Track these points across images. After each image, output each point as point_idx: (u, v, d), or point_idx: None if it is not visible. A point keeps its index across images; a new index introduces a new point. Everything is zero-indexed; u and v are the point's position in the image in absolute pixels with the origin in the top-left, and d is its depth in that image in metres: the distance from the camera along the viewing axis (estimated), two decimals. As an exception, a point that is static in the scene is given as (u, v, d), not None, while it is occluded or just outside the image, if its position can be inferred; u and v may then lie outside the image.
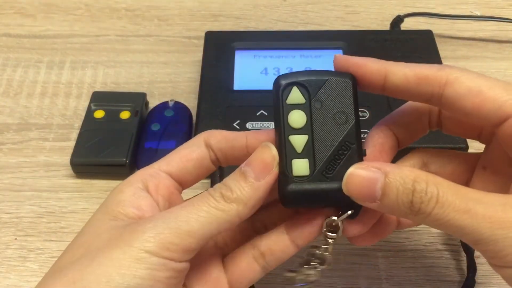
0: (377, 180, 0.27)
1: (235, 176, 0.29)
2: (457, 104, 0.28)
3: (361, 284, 0.38)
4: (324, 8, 0.61)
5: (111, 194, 0.31)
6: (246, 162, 0.29)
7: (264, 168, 0.29)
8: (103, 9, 0.61)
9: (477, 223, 0.25)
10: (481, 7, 0.60)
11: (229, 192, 0.28)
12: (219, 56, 0.50)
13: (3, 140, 0.48)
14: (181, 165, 0.32)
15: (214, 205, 0.28)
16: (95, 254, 0.27)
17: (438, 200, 0.26)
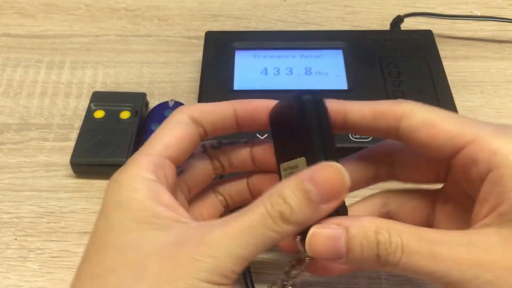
0: (339, 237, 0.26)
1: (296, 192, 0.26)
2: (412, 136, 0.29)
3: (361, 284, 0.38)
4: (324, 8, 0.61)
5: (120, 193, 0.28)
6: (309, 176, 0.26)
7: (333, 194, 0.26)
8: (103, 9, 0.61)
9: (446, 267, 0.25)
10: (481, 7, 0.60)
11: (289, 211, 0.26)
12: (219, 56, 0.50)
13: (3, 140, 0.48)
14: (178, 147, 0.30)
15: (272, 228, 0.26)
16: (157, 284, 0.25)
17: (404, 249, 0.26)
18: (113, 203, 0.28)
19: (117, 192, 0.28)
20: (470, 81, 0.53)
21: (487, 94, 0.51)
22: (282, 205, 0.26)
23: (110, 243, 0.27)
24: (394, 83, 0.47)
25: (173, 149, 0.30)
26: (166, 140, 0.30)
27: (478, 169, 0.27)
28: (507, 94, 0.51)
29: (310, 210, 0.26)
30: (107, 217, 0.28)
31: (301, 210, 0.26)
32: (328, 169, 0.26)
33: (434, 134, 0.28)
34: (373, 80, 0.48)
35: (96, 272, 0.26)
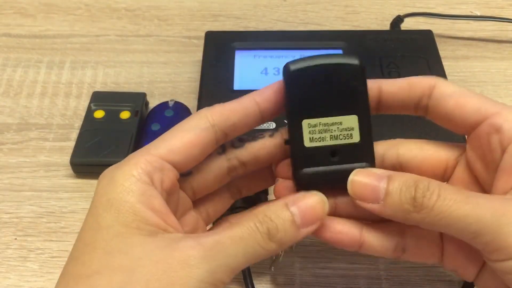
0: (381, 182, 0.28)
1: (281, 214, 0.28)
2: (442, 103, 0.30)
3: (361, 284, 0.38)
4: (324, 8, 0.61)
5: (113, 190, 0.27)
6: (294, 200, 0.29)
7: (312, 218, 0.29)
8: (103, 9, 0.61)
9: (480, 210, 0.26)
10: (481, 7, 0.60)
11: (275, 230, 0.27)
12: (219, 56, 0.50)
13: (3, 140, 0.48)
14: (186, 152, 0.29)
15: (260, 244, 0.27)
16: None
17: (440, 194, 0.27)
18: (105, 201, 0.27)
19: (109, 189, 0.27)
20: (470, 81, 0.53)
21: (487, 94, 0.51)
22: (269, 223, 0.27)
23: (98, 245, 0.26)
24: (394, 83, 0.47)
25: (178, 154, 0.29)
26: (173, 143, 0.29)
27: (500, 138, 0.29)
28: (507, 94, 0.51)
29: (293, 232, 0.28)
30: (97, 216, 0.27)
31: (285, 230, 0.28)
32: (312, 198, 0.29)
33: (463, 103, 0.30)
34: (373, 80, 0.48)
35: (82, 272, 0.26)
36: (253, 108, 0.30)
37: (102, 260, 0.26)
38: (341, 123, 0.30)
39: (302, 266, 0.39)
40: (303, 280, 0.39)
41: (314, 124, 0.30)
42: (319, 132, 0.30)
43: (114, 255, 0.26)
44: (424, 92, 0.31)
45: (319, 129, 0.30)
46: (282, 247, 0.28)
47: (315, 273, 0.39)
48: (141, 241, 0.26)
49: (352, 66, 0.30)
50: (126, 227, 0.26)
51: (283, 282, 0.38)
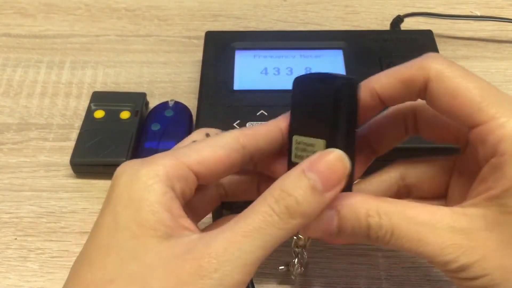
0: (332, 219, 0.28)
1: (299, 183, 0.26)
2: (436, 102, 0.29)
3: (361, 284, 0.38)
4: (324, 8, 0.61)
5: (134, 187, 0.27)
6: (310, 165, 0.26)
7: (335, 179, 0.26)
8: (103, 9, 0.61)
9: (431, 250, 0.27)
10: (481, 7, 0.60)
11: (295, 204, 0.25)
12: (219, 56, 0.50)
13: (3, 140, 0.48)
14: (213, 168, 0.29)
15: (279, 226, 0.25)
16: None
17: (393, 233, 0.27)
18: (125, 198, 0.27)
19: (131, 184, 0.27)
20: (470, 81, 0.53)
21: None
22: (287, 199, 0.25)
23: (114, 248, 0.26)
24: (394, 83, 0.47)
25: (205, 167, 0.28)
26: (204, 155, 0.28)
27: (484, 150, 0.28)
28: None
29: (316, 200, 0.26)
30: (116, 214, 0.27)
31: (307, 201, 0.25)
32: (328, 156, 0.26)
33: (455, 105, 0.28)
34: (373, 80, 0.48)
35: (96, 278, 0.25)
36: (278, 134, 0.31)
37: (116, 267, 0.25)
38: (314, 145, 0.29)
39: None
40: (303, 280, 0.39)
41: (299, 141, 0.30)
42: (301, 150, 0.30)
43: (128, 261, 0.25)
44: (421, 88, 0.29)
45: (301, 147, 0.30)
46: (308, 219, 0.26)
47: (315, 273, 0.39)
48: (156, 244, 0.25)
49: (329, 87, 0.29)
50: (142, 228, 0.26)
51: (283, 282, 0.38)
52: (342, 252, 0.40)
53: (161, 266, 0.25)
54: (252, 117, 0.45)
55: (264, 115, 0.45)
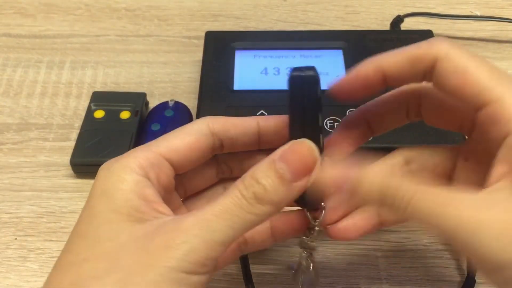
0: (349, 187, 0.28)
1: (268, 172, 0.26)
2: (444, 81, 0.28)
3: (361, 284, 0.38)
4: (324, 8, 0.61)
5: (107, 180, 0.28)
6: (280, 155, 0.27)
7: (304, 169, 0.27)
8: (103, 9, 0.61)
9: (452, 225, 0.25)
10: (481, 7, 0.60)
11: (263, 191, 0.26)
12: (219, 56, 0.50)
13: (3, 140, 0.48)
14: (185, 154, 0.30)
15: (248, 209, 0.26)
16: (126, 274, 0.25)
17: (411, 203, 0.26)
18: (100, 191, 0.28)
19: (106, 179, 0.28)
20: (470, 81, 0.53)
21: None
22: (256, 186, 0.26)
23: (89, 233, 0.27)
24: (394, 83, 0.47)
25: (177, 153, 0.30)
26: (174, 143, 0.30)
27: (498, 129, 0.27)
28: (507, 94, 0.51)
29: (284, 189, 0.26)
30: (91, 206, 0.28)
31: (275, 190, 0.26)
32: (298, 146, 0.27)
33: (464, 83, 0.27)
34: (373, 80, 0.48)
35: (71, 260, 0.27)
36: (253, 129, 0.31)
37: (90, 248, 0.26)
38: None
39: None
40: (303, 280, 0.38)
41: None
42: None
43: (102, 242, 0.26)
44: (427, 68, 0.28)
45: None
46: (277, 207, 0.27)
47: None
48: (129, 227, 0.26)
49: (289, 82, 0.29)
50: (116, 213, 0.27)
51: (283, 282, 0.38)
52: (342, 252, 0.40)
53: (132, 243, 0.26)
54: (252, 117, 0.45)
55: (264, 115, 0.45)
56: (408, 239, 0.41)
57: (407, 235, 0.41)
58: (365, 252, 0.40)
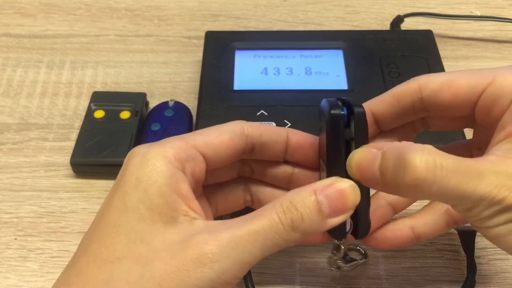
0: (375, 158, 0.27)
1: (308, 202, 0.27)
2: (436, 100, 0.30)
3: (361, 284, 0.38)
4: (324, 8, 0.61)
5: (143, 169, 0.27)
6: (322, 188, 0.27)
7: (342, 210, 0.27)
8: (103, 9, 0.61)
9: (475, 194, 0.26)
10: (481, 7, 0.60)
11: (300, 221, 0.26)
12: (219, 56, 0.50)
13: (3, 140, 0.48)
14: (218, 151, 0.30)
15: (281, 235, 0.26)
16: (159, 284, 0.25)
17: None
18: (134, 180, 0.27)
19: (141, 167, 0.28)
20: (470, 81, 0.52)
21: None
22: (294, 213, 0.26)
23: (122, 229, 0.27)
24: (394, 83, 0.47)
25: (212, 149, 0.30)
26: (210, 138, 0.30)
27: (500, 104, 0.28)
28: (507, 94, 0.51)
29: (319, 221, 0.27)
30: (124, 195, 0.27)
31: (311, 220, 0.27)
32: (341, 184, 0.28)
33: (456, 89, 0.29)
34: (373, 80, 0.48)
35: (105, 256, 0.27)
36: (283, 138, 0.32)
37: (124, 247, 0.26)
38: (324, 170, 0.31)
39: (302, 266, 0.39)
40: (303, 280, 0.39)
41: (321, 163, 0.32)
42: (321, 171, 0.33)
43: (136, 243, 0.26)
44: (414, 98, 0.30)
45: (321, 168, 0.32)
46: (305, 237, 0.27)
47: (315, 273, 0.39)
48: (162, 230, 0.27)
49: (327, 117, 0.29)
50: (150, 211, 0.27)
51: (283, 282, 0.38)
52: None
53: (166, 250, 0.26)
54: (252, 117, 0.45)
55: (264, 115, 0.45)
56: (408, 239, 0.41)
57: (407, 235, 0.41)
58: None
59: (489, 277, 0.38)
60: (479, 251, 0.39)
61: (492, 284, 0.38)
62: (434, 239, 0.40)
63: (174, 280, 0.25)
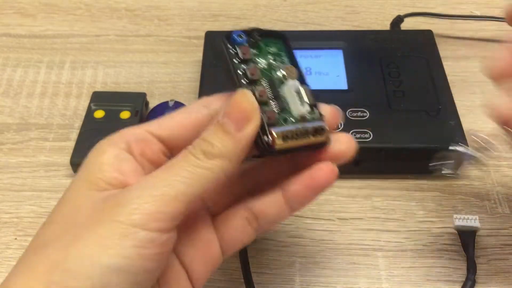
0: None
1: (214, 129, 0.27)
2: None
3: (361, 284, 0.38)
4: (324, 8, 0.61)
5: (92, 153, 0.29)
6: (223, 113, 0.27)
7: (244, 117, 0.27)
8: (103, 9, 0.61)
9: None
10: (481, 7, 0.60)
11: (210, 147, 0.27)
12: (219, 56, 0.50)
13: (3, 140, 0.48)
14: (174, 130, 0.30)
15: (196, 164, 0.26)
16: (78, 232, 0.25)
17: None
18: (85, 163, 0.29)
19: (91, 153, 0.29)
20: (470, 81, 0.53)
21: (487, 94, 0.51)
22: (203, 144, 0.27)
23: (59, 203, 0.28)
24: (394, 83, 0.47)
25: (167, 130, 0.30)
26: (164, 120, 0.30)
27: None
28: (507, 94, 0.51)
29: (231, 141, 0.27)
30: (74, 177, 0.29)
31: (221, 143, 0.27)
32: (235, 98, 0.28)
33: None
34: (373, 80, 0.48)
35: (40, 228, 0.28)
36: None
37: (53, 213, 0.28)
38: None
39: (302, 266, 0.39)
40: (303, 280, 0.39)
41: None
42: None
43: (63, 206, 0.28)
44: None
45: None
46: (230, 159, 0.27)
47: (315, 273, 0.39)
48: (89, 193, 0.27)
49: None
50: (86, 182, 0.28)
51: (283, 282, 0.38)
52: (342, 252, 0.40)
53: (87, 205, 0.27)
54: (252, 117, 0.44)
55: (264, 115, 0.45)
56: (408, 239, 0.41)
57: (407, 235, 0.41)
58: (365, 252, 0.40)
59: (489, 277, 0.38)
60: (479, 251, 0.39)
61: (492, 284, 0.38)
62: (435, 239, 0.40)
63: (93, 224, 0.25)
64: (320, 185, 0.29)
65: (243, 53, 0.30)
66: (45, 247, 0.26)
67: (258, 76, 0.29)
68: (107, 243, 0.25)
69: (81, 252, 0.25)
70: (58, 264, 0.25)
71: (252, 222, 0.30)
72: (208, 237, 0.30)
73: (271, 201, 0.30)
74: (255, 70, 0.29)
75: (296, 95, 0.29)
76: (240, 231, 0.31)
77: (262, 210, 0.30)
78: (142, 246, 0.25)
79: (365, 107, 0.45)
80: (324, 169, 0.29)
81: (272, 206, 0.30)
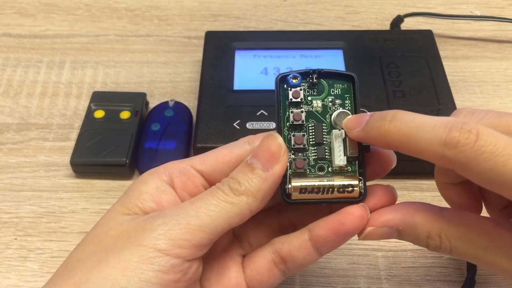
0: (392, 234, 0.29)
1: (242, 168, 0.28)
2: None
3: (361, 284, 0.38)
4: (324, 8, 0.61)
5: (134, 182, 0.30)
6: (252, 154, 0.29)
7: (271, 157, 0.28)
8: (103, 9, 0.61)
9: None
10: (481, 7, 0.60)
11: (237, 184, 0.28)
12: (219, 56, 0.50)
13: (3, 140, 0.48)
14: (216, 165, 0.31)
15: (223, 198, 0.27)
16: (104, 254, 0.26)
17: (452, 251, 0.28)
18: (126, 190, 0.30)
19: (134, 182, 0.30)
20: (470, 81, 0.53)
21: (487, 94, 0.51)
22: (230, 181, 0.28)
23: (94, 226, 0.29)
24: (394, 83, 0.47)
25: (209, 166, 0.31)
26: (207, 156, 0.31)
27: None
28: (507, 94, 0.51)
29: (256, 179, 0.28)
30: (113, 204, 0.30)
31: (247, 181, 0.28)
32: (264, 140, 0.29)
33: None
34: (373, 80, 0.48)
35: (75, 247, 0.29)
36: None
37: (88, 234, 0.29)
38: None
39: (302, 266, 0.39)
40: (303, 280, 0.39)
41: None
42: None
43: (95, 228, 0.29)
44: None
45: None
46: (255, 196, 0.28)
47: (315, 273, 0.39)
48: (121, 217, 0.28)
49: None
50: (126, 209, 0.29)
51: (283, 282, 0.38)
52: (342, 252, 0.40)
53: (115, 228, 0.28)
54: (252, 117, 0.45)
55: (264, 115, 0.45)
56: (408, 239, 0.41)
57: (407, 235, 0.41)
58: (365, 252, 0.40)
59: (489, 277, 0.38)
60: (479, 251, 0.39)
61: (492, 284, 0.38)
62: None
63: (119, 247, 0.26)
64: (349, 232, 0.29)
65: (293, 96, 0.30)
66: (73, 269, 0.27)
67: (301, 121, 0.30)
68: (127, 266, 0.25)
69: (103, 274, 0.25)
70: (81, 285, 0.25)
71: (279, 264, 0.30)
72: (237, 279, 0.31)
73: (298, 244, 0.29)
74: (299, 116, 0.30)
75: (337, 146, 0.29)
76: (267, 275, 0.30)
77: (290, 254, 0.30)
78: (161, 270, 0.26)
79: (365, 107, 0.45)
80: (355, 214, 0.28)
81: (299, 250, 0.29)
